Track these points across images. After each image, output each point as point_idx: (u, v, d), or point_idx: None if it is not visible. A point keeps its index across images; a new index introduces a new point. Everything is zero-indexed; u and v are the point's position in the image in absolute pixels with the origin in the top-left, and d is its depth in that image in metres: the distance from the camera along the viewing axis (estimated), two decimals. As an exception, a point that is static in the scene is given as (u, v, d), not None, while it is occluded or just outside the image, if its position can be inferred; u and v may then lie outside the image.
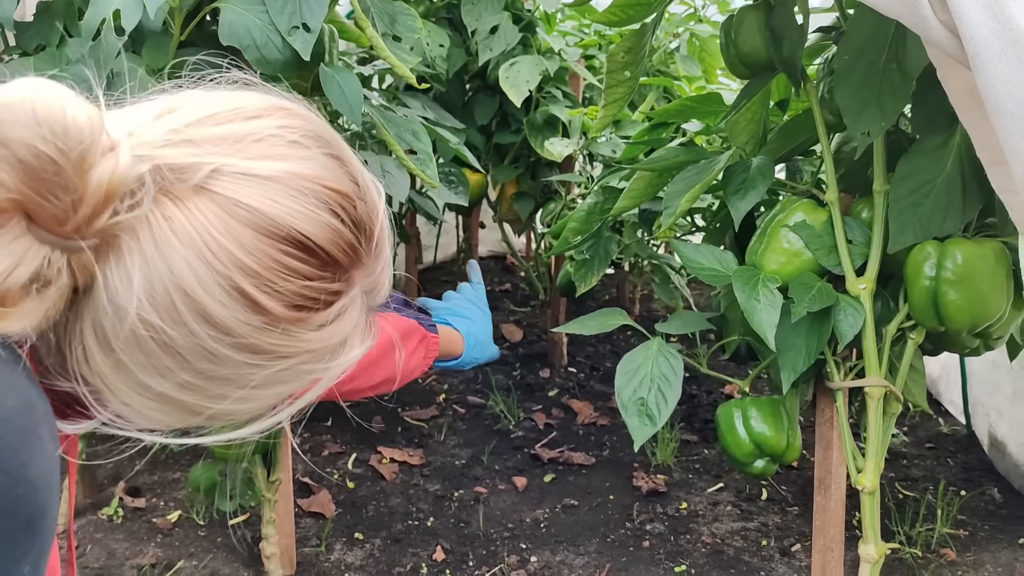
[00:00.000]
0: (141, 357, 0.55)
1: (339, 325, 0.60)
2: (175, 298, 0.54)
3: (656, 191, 1.67)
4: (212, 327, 0.55)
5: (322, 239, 0.57)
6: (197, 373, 0.57)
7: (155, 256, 0.53)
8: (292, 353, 0.58)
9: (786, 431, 1.55)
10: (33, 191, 0.50)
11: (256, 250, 0.55)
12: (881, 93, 1.26)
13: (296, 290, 0.56)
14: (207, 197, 0.54)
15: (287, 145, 0.57)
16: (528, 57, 2.57)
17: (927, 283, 1.28)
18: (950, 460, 2.32)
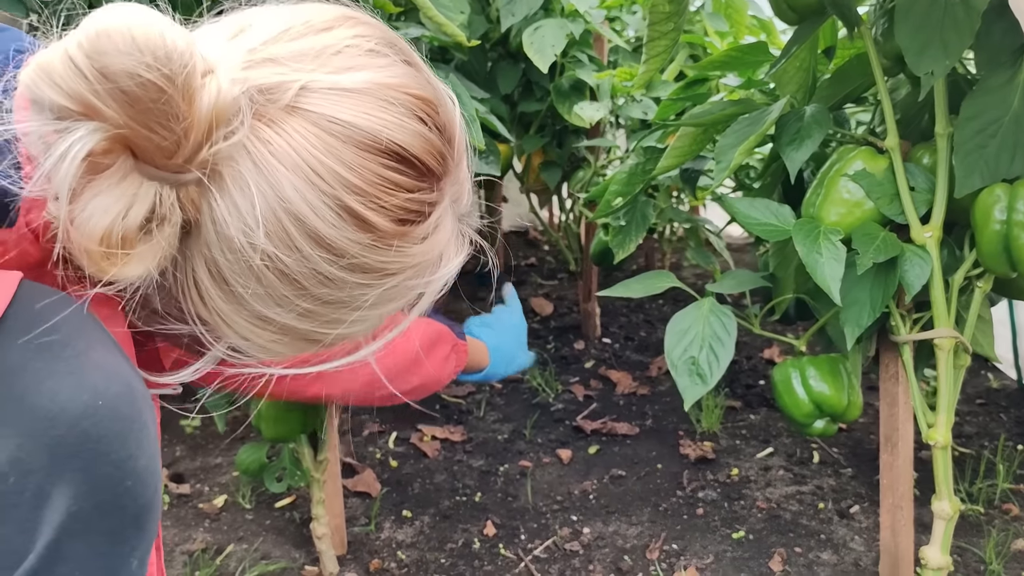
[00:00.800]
0: (258, 288, 0.53)
1: (438, 236, 0.59)
2: (286, 224, 0.52)
3: (701, 148, 1.62)
4: (325, 249, 0.53)
5: (417, 149, 0.55)
6: (314, 299, 0.55)
7: (260, 183, 0.51)
8: (400, 269, 0.57)
9: (846, 389, 1.50)
10: (140, 124, 0.47)
11: (359, 166, 0.53)
12: (944, 30, 1.20)
13: (399, 203, 0.55)
14: (300, 116, 0.52)
15: (366, 55, 0.56)
16: (552, 20, 2.51)
17: (998, 227, 1.22)
18: (1003, 415, 2.27)
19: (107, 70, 0.46)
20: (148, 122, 0.47)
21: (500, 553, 1.74)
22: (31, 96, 0.48)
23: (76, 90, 0.46)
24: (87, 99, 0.46)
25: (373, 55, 0.56)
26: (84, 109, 0.47)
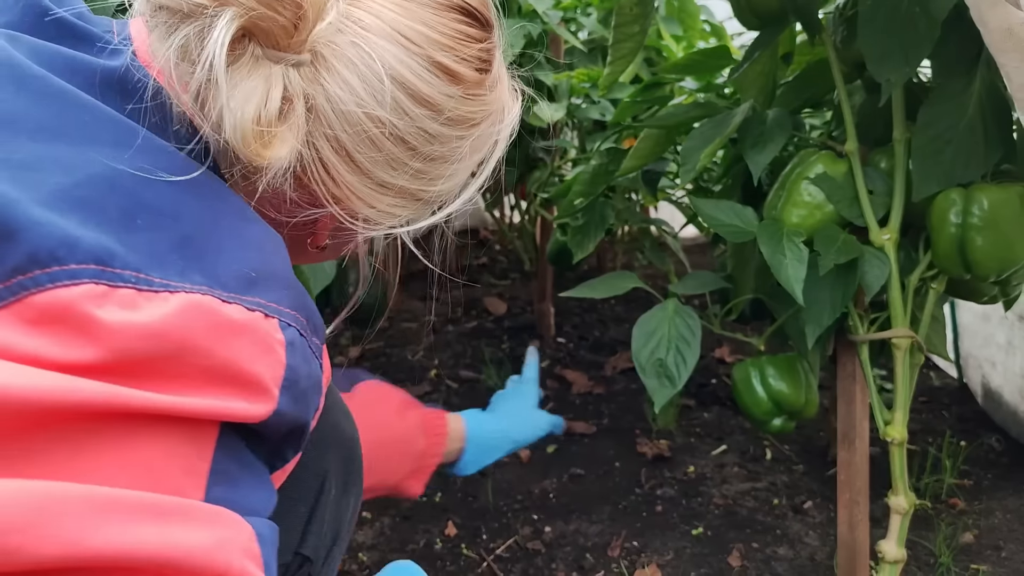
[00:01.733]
0: (378, 154, 0.58)
1: (502, 83, 0.65)
2: (392, 89, 0.56)
3: (663, 150, 1.64)
4: (427, 107, 0.59)
5: (477, 4, 0.61)
6: (423, 157, 0.61)
7: (363, 56, 0.55)
8: (483, 117, 0.63)
9: (804, 387, 1.54)
10: (265, 6, 0.51)
11: (439, 24, 0.58)
12: (905, 38, 1.24)
13: (475, 53, 0.61)
14: None
15: None
16: (509, 21, 2.51)
17: (953, 230, 1.27)
18: (945, 412, 2.35)
19: None
20: (272, 3, 0.51)
21: (462, 553, 1.74)
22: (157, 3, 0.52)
23: None
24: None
25: None
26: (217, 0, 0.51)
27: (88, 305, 0.44)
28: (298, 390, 0.53)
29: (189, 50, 0.51)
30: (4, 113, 0.49)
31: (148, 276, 0.46)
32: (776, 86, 1.55)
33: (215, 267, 0.50)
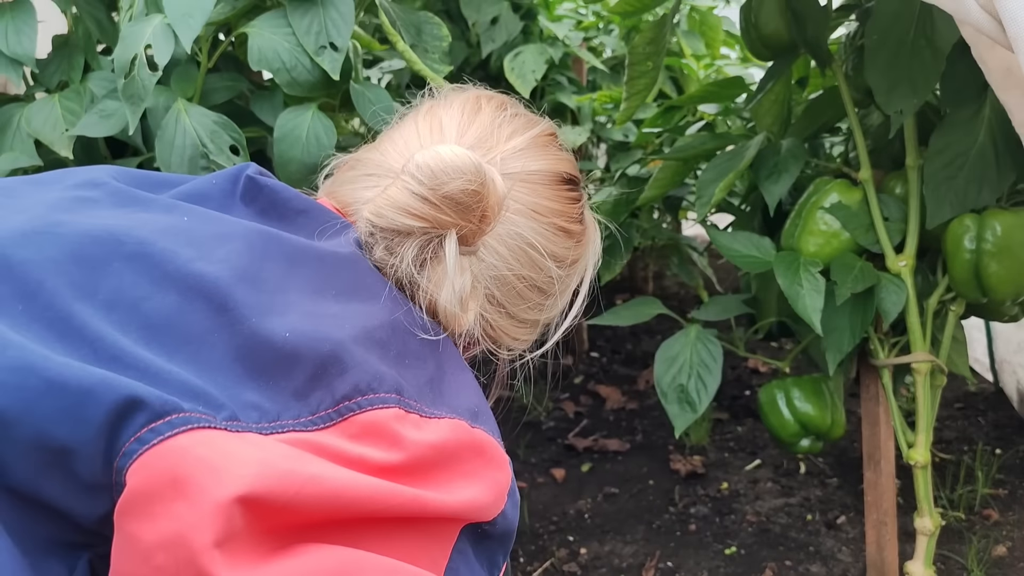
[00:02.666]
0: (522, 302, 0.74)
1: (591, 222, 0.81)
2: (531, 253, 0.73)
3: (682, 179, 1.68)
4: (553, 259, 0.74)
5: (571, 169, 0.78)
6: (550, 295, 0.76)
7: (509, 233, 0.72)
8: (583, 255, 0.79)
9: (830, 409, 1.56)
10: (467, 221, 0.68)
11: (554, 197, 0.74)
12: (912, 70, 1.26)
13: (577, 210, 0.77)
14: (511, 178, 0.72)
15: (511, 119, 0.77)
16: (532, 46, 2.56)
17: (968, 256, 1.29)
18: (981, 419, 2.34)
19: (446, 190, 0.67)
20: (467, 216, 0.68)
21: (500, 576, 1.79)
22: (388, 226, 0.68)
23: (430, 213, 0.68)
24: (437, 217, 0.68)
25: (515, 117, 0.77)
26: (435, 223, 0.68)
27: (395, 424, 0.57)
28: (515, 500, 0.65)
29: (421, 258, 0.68)
30: (313, 282, 0.63)
31: (419, 405, 0.60)
32: (791, 113, 1.58)
33: (453, 401, 0.63)
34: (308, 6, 1.28)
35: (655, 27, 1.47)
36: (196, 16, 1.19)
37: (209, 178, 0.75)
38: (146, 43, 1.20)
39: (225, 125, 1.23)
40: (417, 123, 0.77)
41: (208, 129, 1.23)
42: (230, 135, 1.22)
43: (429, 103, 0.80)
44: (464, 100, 0.78)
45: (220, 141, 1.22)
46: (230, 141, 1.22)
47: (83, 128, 1.31)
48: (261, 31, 1.28)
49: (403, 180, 0.68)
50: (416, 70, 1.34)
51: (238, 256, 0.62)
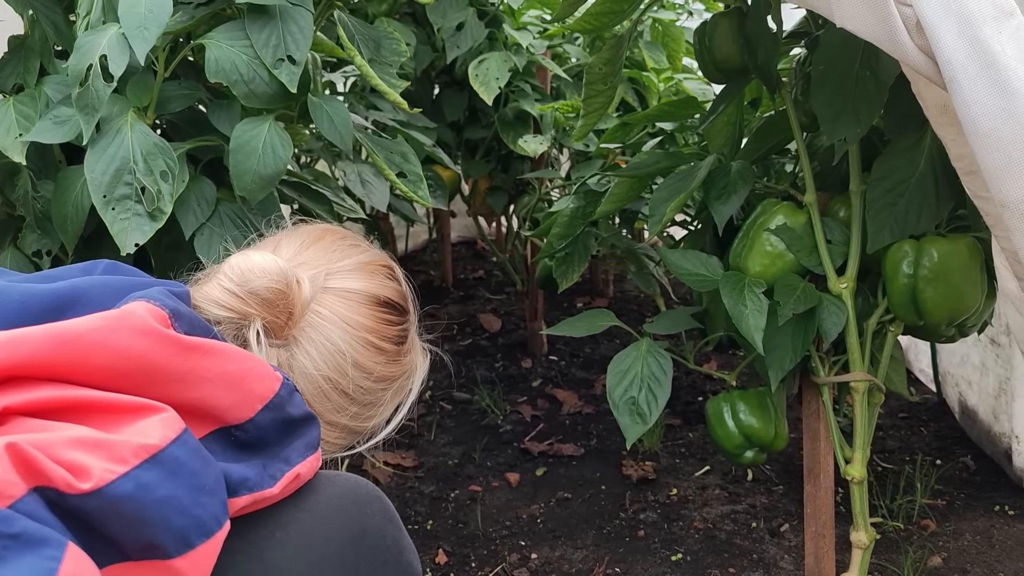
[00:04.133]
0: (328, 403, 0.83)
1: (415, 348, 0.91)
2: (340, 360, 0.82)
3: (637, 194, 1.71)
4: (362, 371, 0.84)
5: (396, 296, 0.88)
6: (359, 404, 0.85)
7: (320, 338, 0.82)
8: (401, 373, 0.88)
9: (773, 422, 1.61)
10: (271, 314, 0.79)
11: (369, 316, 0.85)
12: (856, 100, 1.30)
13: (395, 332, 0.87)
14: (331, 293, 0.84)
15: (350, 247, 0.89)
16: (496, 54, 2.58)
17: (906, 281, 1.33)
18: (923, 429, 2.41)
19: (254, 288, 0.79)
20: (274, 312, 0.79)
21: (451, 581, 1.81)
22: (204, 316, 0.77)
23: (237, 305, 0.79)
24: (243, 309, 0.79)
25: (352, 247, 0.90)
26: (241, 314, 0.79)
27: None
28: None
29: (241, 337, 0.79)
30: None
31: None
32: (742, 134, 1.62)
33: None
34: (266, 19, 1.29)
35: (612, 48, 1.50)
36: (151, 28, 1.20)
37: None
38: (101, 53, 1.20)
39: (164, 150, 1.23)
40: (263, 244, 0.90)
41: (146, 148, 1.23)
42: (166, 160, 1.23)
43: (280, 234, 0.92)
44: (309, 231, 0.91)
45: (154, 163, 1.22)
46: (163, 167, 1.22)
47: (37, 134, 1.30)
48: (219, 43, 1.28)
49: (217, 278, 0.81)
50: (373, 85, 1.35)
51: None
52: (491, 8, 2.70)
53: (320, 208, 1.56)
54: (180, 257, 1.46)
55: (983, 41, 0.94)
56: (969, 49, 0.94)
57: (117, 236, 1.20)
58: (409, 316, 0.90)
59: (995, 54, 0.94)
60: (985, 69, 0.94)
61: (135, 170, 1.21)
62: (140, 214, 1.22)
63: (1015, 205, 0.96)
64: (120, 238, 1.20)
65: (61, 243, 1.37)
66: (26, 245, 1.41)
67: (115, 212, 1.21)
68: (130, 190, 1.22)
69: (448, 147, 2.96)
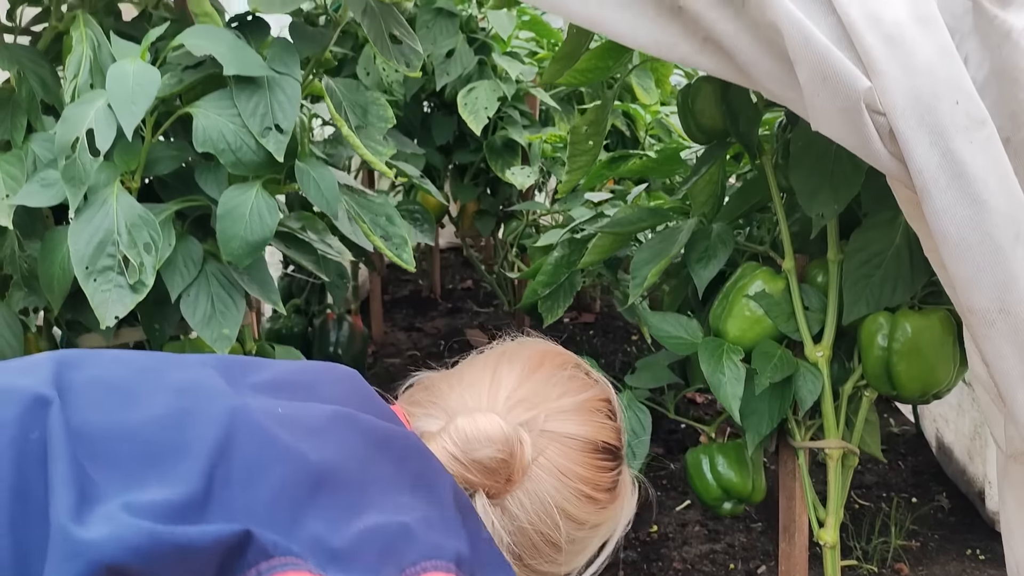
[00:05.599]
0: (537, 556, 0.80)
1: (626, 487, 0.87)
2: (552, 511, 0.78)
3: (620, 247, 1.73)
4: (573, 522, 0.80)
5: (612, 438, 0.83)
6: (566, 553, 0.82)
7: (535, 488, 0.78)
8: (611, 518, 0.85)
9: (751, 476, 1.64)
10: (493, 481, 0.77)
11: (586, 464, 0.80)
12: (833, 178, 1.32)
13: (609, 479, 0.82)
14: (548, 436, 0.79)
15: (568, 380, 0.83)
16: (486, 82, 2.59)
17: (880, 353, 1.36)
18: (901, 463, 2.45)
19: (478, 457, 0.75)
20: (496, 478, 0.76)
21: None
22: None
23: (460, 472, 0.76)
24: (464, 476, 0.76)
25: (572, 379, 0.84)
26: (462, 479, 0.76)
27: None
28: None
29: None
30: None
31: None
32: (724, 192, 1.64)
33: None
34: (254, 88, 1.30)
35: (596, 112, 1.52)
36: (139, 103, 1.21)
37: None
38: (88, 127, 1.21)
39: (148, 222, 1.24)
40: (484, 369, 0.85)
41: (130, 220, 1.24)
42: (150, 232, 1.24)
43: (500, 350, 0.87)
44: (529, 356, 0.85)
45: (138, 235, 1.23)
46: (147, 239, 1.23)
47: (24, 197, 1.31)
48: (207, 112, 1.29)
49: (442, 439, 0.77)
50: (360, 155, 1.37)
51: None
52: (481, 35, 2.71)
53: (306, 259, 1.58)
54: (167, 312, 1.48)
55: (954, 152, 0.96)
56: (941, 160, 0.97)
57: (98, 308, 1.21)
58: (622, 454, 0.86)
59: (965, 165, 0.96)
60: (955, 180, 0.96)
61: (118, 242, 1.23)
62: (122, 286, 1.23)
63: (982, 313, 0.98)
64: (100, 310, 1.21)
65: (48, 301, 1.38)
66: (13, 303, 1.42)
67: (96, 284, 1.22)
68: (112, 261, 1.23)
69: (437, 170, 2.97)
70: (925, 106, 0.96)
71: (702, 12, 1.00)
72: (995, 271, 0.97)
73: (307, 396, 0.74)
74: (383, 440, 0.72)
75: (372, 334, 3.51)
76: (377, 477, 0.69)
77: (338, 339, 2.54)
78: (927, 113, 0.96)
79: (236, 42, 1.27)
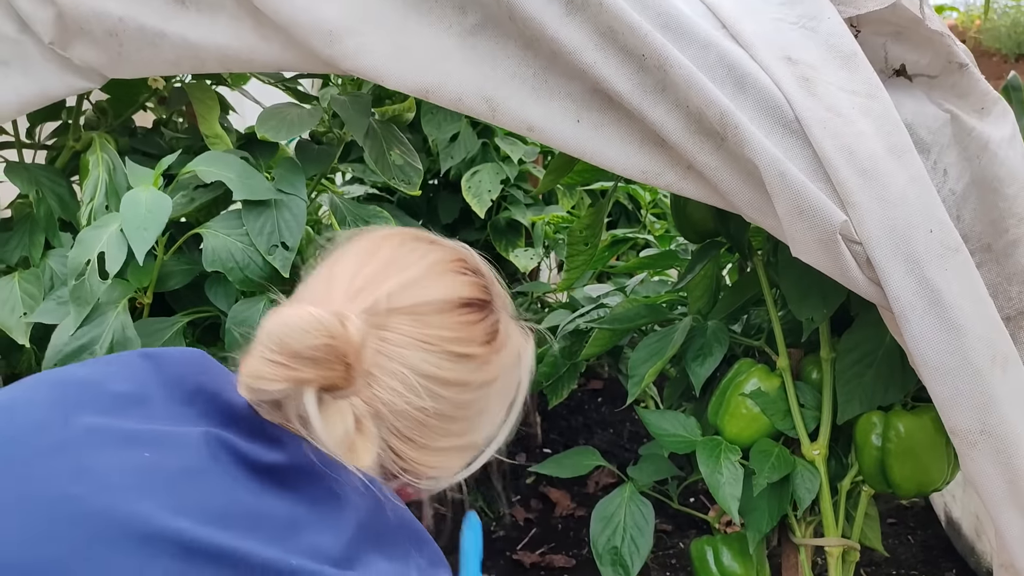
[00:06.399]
0: (430, 433, 0.76)
1: (512, 339, 0.82)
2: (425, 383, 0.74)
3: (619, 340, 1.77)
4: (456, 386, 0.76)
5: (474, 291, 0.79)
6: (463, 420, 0.78)
7: (398, 367, 0.74)
8: (500, 372, 0.80)
9: (755, 566, 1.65)
10: (324, 371, 0.70)
11: (449, 325, 0.76)
12: (822, 282, 1.36)
13: (480, 332, 0.78)
14: (397, 312, 0.75)
15: (408, 252, 0.80)
16: (489, 165, 2.65)
17: (875, 453, 1.38)
18: (911, 537, 2.45)
19: (297, 349, 0.69)
20: (326, 369, 0.70)
21: None
22: (258, 398, 0.71)
23: (287, 374, 0.69)
24: (295, 376, 0.69)
25: (412, 251, 0.80)
26: (296, 381, 0.69)
27: None
28: None
29: (302, 415, 0.71)
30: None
31: None
32: (720, 287, 1.68)
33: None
34: (262, 208, 1.36)
35: (592, 215, 1.57)
36: (151, 229, 1.26)
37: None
38: (100, 250, 1.27)
39: (134, 342, 1.29)
40: (319, 276, 0.81)
41: (118, 337, 1.28)
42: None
43: (333, 254, 0.82)
44: (363, 245, 0.81)
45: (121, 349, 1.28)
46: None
47: (40, 315, 1.36)
48: (216, 232, 1.35)
49: (257, 350, 0.71)
50: (363, 269, 1.42)
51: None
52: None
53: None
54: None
55: (929, 280, 1.00)
56: (917, 287, 1.00)
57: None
58: (493, 304, 0.80)
59: (941, 292, 1.00)
60: (932, 306, 1.00)
61: (96, 352, 1.27)
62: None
63: (963, 434, 1.01)
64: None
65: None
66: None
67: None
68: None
69: (443, 248, 3.03)
70: (900, 235, 1.01)
71: (684, 145, 1.05)
72: (974, 394, 1.00)
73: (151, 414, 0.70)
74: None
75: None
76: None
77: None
78: (902, 242, 1.01)
79: (245, 168, 1.33)
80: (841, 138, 1.02)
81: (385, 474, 0.76)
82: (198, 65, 1.17)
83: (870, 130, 1.03)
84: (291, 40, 1.09)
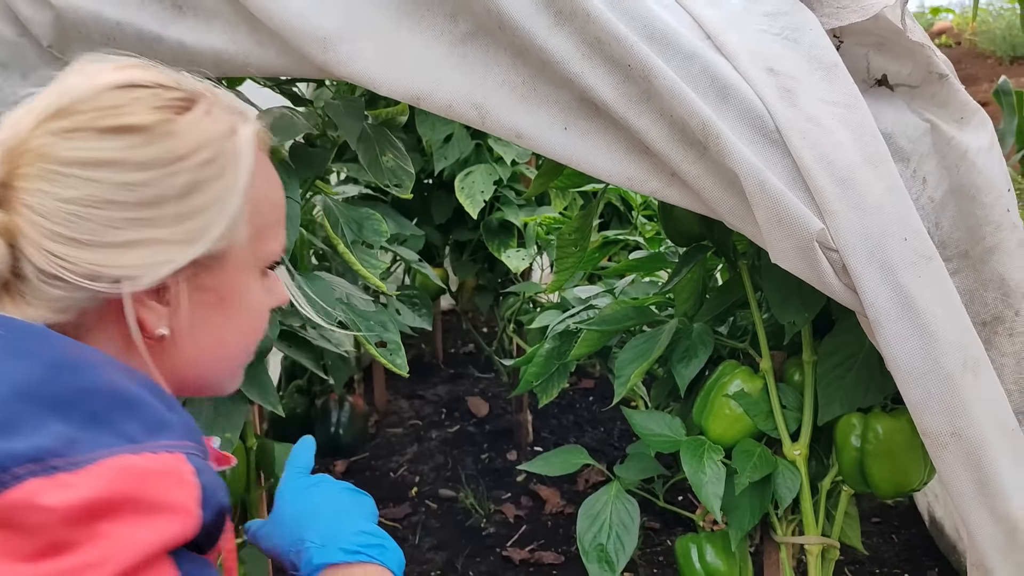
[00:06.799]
0: (93, 225, 0.63)
1: (215, 118, 0.69)
2: (77, 172, 0.63)
3: (608, 341, 1.80)
4: (109, 167, 0.64)
5: (126, 77, 0.67)
6: (141, 207, 0.64)
7: (33, 162, 0.64)
8: (191, 148, 0.67)
9: (738, 563, 1.68)
10: None
11: (98, 104, 0.65)
12: (802, 287, 1.39)
13: (146, 103, 0.66)
14: (42, 123, 0.65)
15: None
16: (482, 166, 2.69)
17: (854, 453, 1.42)
18: (895, 536, 2.48)
19: None
20: None
21: None
22: None
23: None
24: None
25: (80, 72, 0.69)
26: None
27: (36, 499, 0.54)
28: (213, 499, 0.61)
29: None
30: None
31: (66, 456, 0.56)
32: (706, 289, 1.71)
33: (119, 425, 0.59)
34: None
35: (581, 219, 1.60)
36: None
37: None
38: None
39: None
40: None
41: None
42: None
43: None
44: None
45: None
46: None
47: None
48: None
49: None
50: (355, 269, 1.44)
51: None
52: (477, 119, 2.81)
53: (306, 358, 1.65)
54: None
55: (903, 286, 1.03)
56: (891, 293, 1.04)
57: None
58: (163, 85, 0.69)
59: (914, 299, 1.03)
60: (905, 312, 1.03)
61: None
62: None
63: (934, 436, 1.04)
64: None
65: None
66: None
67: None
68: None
69: (436, 248, 3.06)
70: (875, 243, 1.04)
71: (668, 153, 1.08)
72: (945, 397, 1.03)
73: None
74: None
75: (376, 402, 3.57)
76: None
77: (339, 419, 2.61)
78: (877, 250, 1.04)
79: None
80: (820, 148, 1.05)
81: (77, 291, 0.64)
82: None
83: (848, 140, 1.06)
84: (286, 46, 1.11)
